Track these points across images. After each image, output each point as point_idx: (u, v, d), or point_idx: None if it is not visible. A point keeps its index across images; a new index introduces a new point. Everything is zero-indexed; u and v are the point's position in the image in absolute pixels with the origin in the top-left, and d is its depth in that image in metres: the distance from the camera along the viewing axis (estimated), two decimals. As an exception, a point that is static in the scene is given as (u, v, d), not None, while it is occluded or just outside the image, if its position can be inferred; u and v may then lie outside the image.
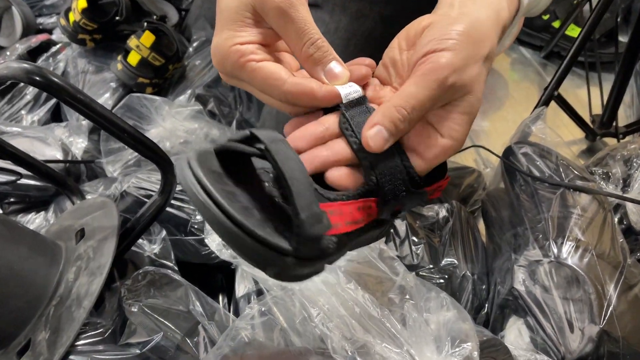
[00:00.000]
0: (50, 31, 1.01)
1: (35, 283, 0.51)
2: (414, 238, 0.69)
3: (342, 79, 0.38)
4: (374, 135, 0.34)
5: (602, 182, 0.70)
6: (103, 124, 0.52)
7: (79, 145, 0.79)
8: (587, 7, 1.08)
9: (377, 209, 0.35)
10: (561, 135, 1.00)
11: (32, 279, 0.51)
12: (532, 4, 0.45)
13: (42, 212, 0.77)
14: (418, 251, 0.68)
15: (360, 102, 0.37)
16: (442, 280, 0.67)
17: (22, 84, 0.90)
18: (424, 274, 0.67)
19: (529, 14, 0.49)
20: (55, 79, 0.49)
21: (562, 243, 0.60)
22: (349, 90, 0.37)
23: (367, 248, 0.64)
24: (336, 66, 0.39)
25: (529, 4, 0.44)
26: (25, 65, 0.50)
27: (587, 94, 0.98)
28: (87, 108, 0.51)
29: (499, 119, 1.06)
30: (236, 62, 0.37)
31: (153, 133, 0.71)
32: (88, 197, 0.73)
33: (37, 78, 0.50)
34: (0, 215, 0.53)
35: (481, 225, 0.79)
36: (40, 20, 1.02)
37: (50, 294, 0.51)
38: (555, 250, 0.60)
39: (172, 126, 0.71)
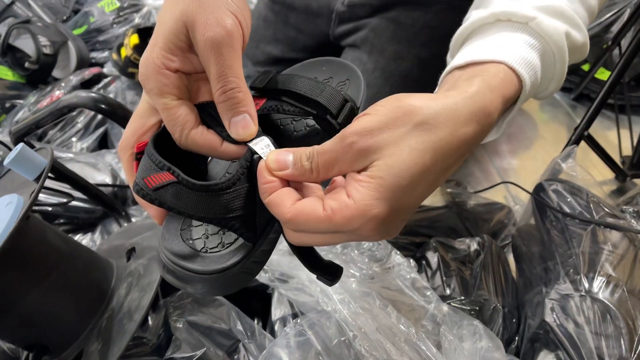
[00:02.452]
0: (102, 65, 1.07)
1: (90, 296, 0.55)
2: (446, 270, 0.71)
3: (245, 135, 0.38)
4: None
5: (632, 221, 0.71)
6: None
7: (127, 171, 0.83)
8: (616, 51, 1.11)
9: None
10: (592, 174, 1.01)
11: (87, 293, 0.55)
12: (536, 89, 0.44)
13: (89, 233, 0.81)
14: (450, 283, 0.70)
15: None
16: (473, 312, 0.68)
17: (74, 113, 0.97)
18: (455, 305, 0.69)
19: (537, 97, 0.48)
20: (120, 107, 0.54)
21: (593, 278, 0.62)
22: (260, 145, 0.37)
23: (400, 277, 0.66)
24: (243, 120, 0.38)
25: (532, 88, 0.42)
26: (93, 94, 0.55)
27: (617, 136, 0.99)
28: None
29: (528, 158, 1.09)
30: (158, 88, 0.38)
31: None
32: (133, 220, 0.77)
33: (103, 106, 0.54)
34: (60, 232, 0.57)
35: (511, 260, 0.80)
36: (93, 54, 1.09)
37: (103, 307, 0.55)
38: (587, 285, 0.62)
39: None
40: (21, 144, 0.50)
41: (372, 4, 0.86)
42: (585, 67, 1.19)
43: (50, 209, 0.79)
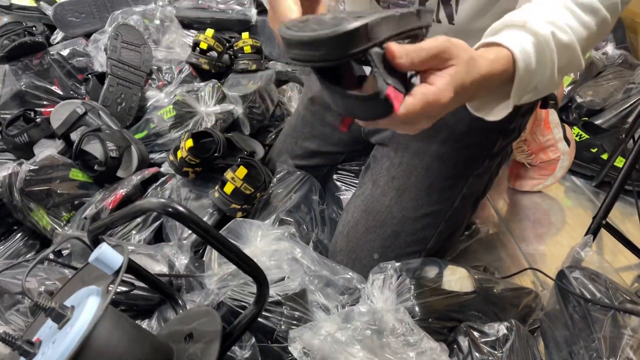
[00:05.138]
0: (159, 165, 1.20)
1: (154, 377, 0.62)
2: (477, 354, 0.76)
3: None
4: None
5: (651, 306, 0.75)
6: (215, 244, 0.65)
7: (182, 261, 0.93)
8: (632, 141, 1.18)
9: None
10: (618, 259, 1.06)
11: (152, 374, 0.62)
12: (533, 73, 0.60)
13: (146, 320, 0.89)
14: (480, 366, 0.74)
15: None
16: (503, 396, 0.72)
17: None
18: (486, 388, 0.72)
19: (539, 86, 0.62)
20: (184, 211, 0.64)
21: (615, 362, 0.66)
22: None
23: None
24: None
25: (527, 70, 0.59)
26: (162, 200, 0.65)
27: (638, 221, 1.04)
28: (205, 232, 0.64)
29: (554, 244, 1.14)
30: None
31: (247, 252, 0.83)
32: (188, 306, 0.85)
33: (170, 210, 0.64)
34: (129, 318, 0.65)
35: (541, 345, 0.83)
36: (152, 156, 1.22)
37: (165, 387, 0.61)
38: (609, 369, 0.65)
39: (263, 246, 0.84)
40: (104, 244, 0.60)
41: None
42: (605, 156, 1.26)
43: (114, 296, 0.87)
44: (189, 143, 1.08)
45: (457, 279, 0.87)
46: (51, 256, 1.05)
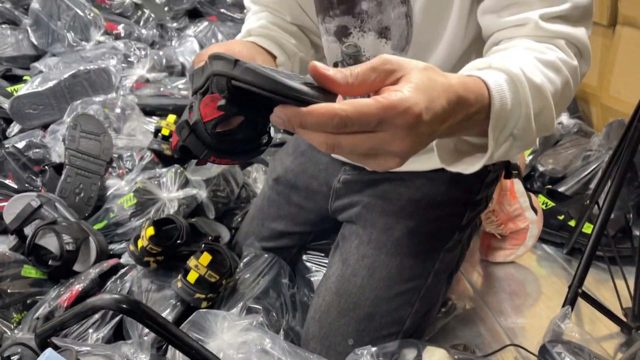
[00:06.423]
0: (119, 255, 1.14)
1: None
2: None
3: None
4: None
5: (640, 378, 0.72)
6: (174, 342, 0.60)
7: (142, 360, 0.85)
8: (596, 206, 1.19)
9: None
10: (597, 328, 1.03)
11: None
12: (509, 112, 0.53)
13: None
14: None
15: None
16: None
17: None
18: None
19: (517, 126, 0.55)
20: (141, 307, 0.59)
21: None
22: None
23: None
24: None
25: (502, 106, 0.52)
26: (115, 296, 0.61)
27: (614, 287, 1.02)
28: (162, 328, 0.60)
29: (532, 316, 1.11)
30: None
31: (213, 345, 0.78)
32: (148, 411, 0.77)
33: (124, 306, 0.60)
34: None
35: None
36: (111, 246, 1.17)
37: None
38: None
39: (230, 338, 0.78)
40: (49, 351, 0.54)
41: (362, 180, 0.98)
42: (572, 223, 1.27)
43: (65, 406, 0.79)
44: (150, 231, 1.04)
45: (436, 360, 0.83)
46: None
